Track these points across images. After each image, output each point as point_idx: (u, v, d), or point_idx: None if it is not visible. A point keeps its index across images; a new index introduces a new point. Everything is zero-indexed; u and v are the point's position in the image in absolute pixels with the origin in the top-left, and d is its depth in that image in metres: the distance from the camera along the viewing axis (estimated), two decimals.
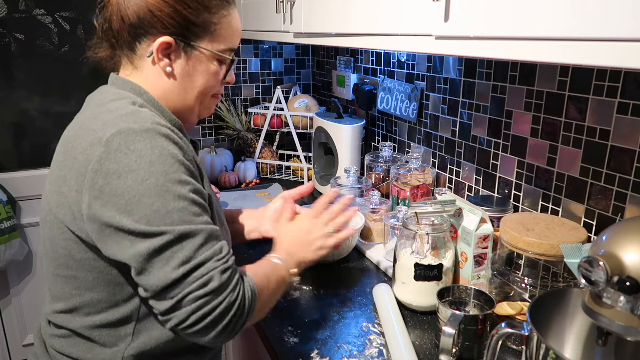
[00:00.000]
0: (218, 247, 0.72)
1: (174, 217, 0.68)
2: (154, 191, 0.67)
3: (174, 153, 0.71)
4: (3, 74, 1.98)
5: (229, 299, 0.70)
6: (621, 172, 0.97)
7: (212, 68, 0.84)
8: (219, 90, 0.89)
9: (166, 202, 0.68)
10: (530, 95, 1.16)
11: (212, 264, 0.70)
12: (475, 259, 1.05)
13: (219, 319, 0.69)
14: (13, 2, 1.92)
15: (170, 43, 0.79)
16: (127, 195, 0.67)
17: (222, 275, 0.70)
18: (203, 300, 0.68)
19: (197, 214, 0.71)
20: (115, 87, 0.83)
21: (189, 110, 0.87)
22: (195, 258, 0.68)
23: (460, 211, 1.08)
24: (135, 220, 0.67)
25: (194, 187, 0.72)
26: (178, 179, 0.70)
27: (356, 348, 0.96)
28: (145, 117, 0.73)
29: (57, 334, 0.81)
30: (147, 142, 0.69)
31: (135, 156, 0.68)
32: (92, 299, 0.77)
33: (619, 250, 0.61)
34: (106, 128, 0.70)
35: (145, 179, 0.67)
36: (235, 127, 2.11)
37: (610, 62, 0.55)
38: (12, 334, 2.12)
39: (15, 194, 2.01)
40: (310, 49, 2.30)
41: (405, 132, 1.68)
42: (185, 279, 0.67)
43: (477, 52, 0.74)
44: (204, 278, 0.68)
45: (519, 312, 0.94)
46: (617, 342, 0.74)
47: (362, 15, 1.05)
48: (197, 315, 0.68)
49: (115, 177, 0.67)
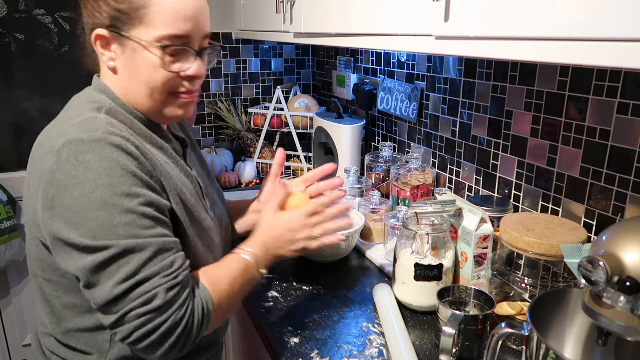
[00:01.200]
0: (168, 262, 0.69)
1: (119, 231, 0.66)
2: (100, 204, 0.66)
3: (124, 164, 0.68)
4: (3, 74, 1.98)
5: (174, 317, 0.67)
6: (621, 172, 0.97)
7: (150, 58, 0.74)
8: (177, 86, 0.78)
9: (112, 215, 0.66)
10: (530, 95, 1.16)
11: (158, 280, 0.67)
12: (475, 259, 1.05)
13: (164, 338, 0.67)
14: (13, 2, 1.92)
15: (104, 35, 0.75)
16: (73, 208, 0.66)
17: (167, 293, 0.67)
18: (145, 317, 0.66)
19: (146, 227, 0.68)
20: (93, 90, 0.82)
21: (151, 109, 0.80)
22: (140, 273, 0.66)
23: (460, 211, 1.08)
24: (81, 234, 0.66)
25: (145, 200, 0.69)
26: (126, 191, 0.67)
27: (356, 348, 0.96)
28: (98, 125, 0.70)
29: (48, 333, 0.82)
30: (95, 154, 0.67)
31: (82, 168, 0.66)
32: (68, 302, 0.77)
33: (619, 250, 0.61)
34: (59, 137, 0.69)
35: (91, 191, 0.66)
36: (235, 127, 2.11)
37: (611, 62, 0.55)
38: (12, 334, 2.12)
39: (15, 194, 2.01)
40: (310, 49, 2.30)
41: (405, 132, 1.68)
42: (127, 295, 0.66)
43: (477, 52, 0.74)
44: (147, 295, 0.66)
45: (519, 312, 0.94)
46: (617, 342, 0.74)
47: (362, 15, 1.05)
48: (141, 332, 0.66)
49: (63, 189, 0.66)
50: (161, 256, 0.69)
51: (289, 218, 0.91)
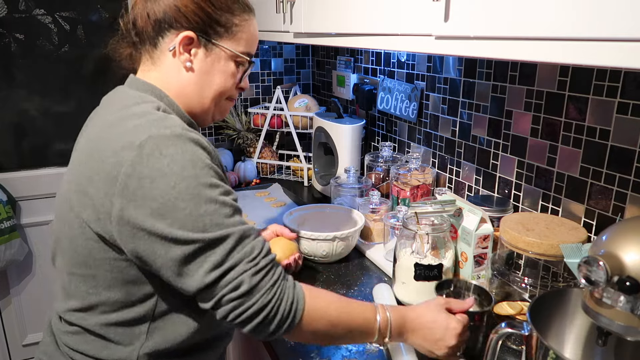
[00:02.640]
0: (249, 249, 0.73)
1: (206, 220, 0.70)
2: (187, 195, 0.69)
3: (203, 158, 0.73)
4: (3, 74, 1.98)
5: (262, 299, 0.72)
6: (621, 172, 0.97)
7: (229, 68, 0.86)
8: (233, 94, 0.91)
9: (198, 206, 0.70)
10: (530, 95, 1.16)
11: (243, 266, 0.71)
12: (475, 259, 1.05)
13: (252, 317, 0.72)
14: (13, 2, 1.92)
15: (192, 38, 0.82)
16: (160, 199, 0.69)
17: (252, 278, 0.71)
18: (237, 302, 0.71)
19: (228, 216, 0.72)
20: (134, 90, 0.84)
21: (204, 111, 0.88)
22: (226, 262, 0.70)
23: (460, 211, 1.08)
24: (169, 224, 0.69)
25: (224, 190, 0.74)
26: (209, 182, 0.72)
27: (356, 348, 0.96)
28: (175, 122, 0.75)
29: (71, 331, 0.81)
30: (178, 147, 0.71)
31: (167, 161, 0.69)
32: (108, 298, 0.77)
33: (619, 250, 0.61)
34: (137, 132, 0.71)
35: (177, 183, 0.69)
36: (235, 127, 2.11)
37: (611, 62, 0.55)
38: (12, 334, 2.12)
39: (15, 194, 2.01)
40: (310, 49, 2.30)
41: (405, 132, 1.68)
42: (217, 283, 0.70)
43: (477, 52, 0.74)
44: (234, 282, 0.70)
45: (519, 312, 0.94)
46: (617, 342, 0.74)
47: (362, 15, 1.05)
48: (235, 313, 0.71)
49: (148, 181, 0.69)
50: (242, 244, 0.72)
51: (449, 321, 0.84)
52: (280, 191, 1.90)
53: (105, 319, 0.78)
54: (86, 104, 2.12)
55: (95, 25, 2.06)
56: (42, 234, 2.07)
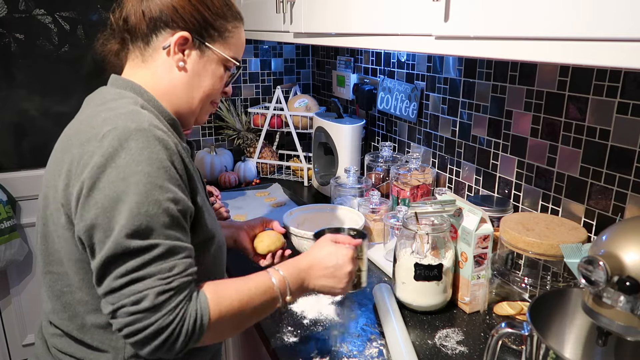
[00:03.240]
0: (167, 266, 0.69)
1: (143, 221, 0.67)
2: (134, 190, 0.68)
3: (162, 158, 0.71)
4: (3, 74, 1.98)
5: (160, 322, 0.67)
6: (621, 172, 0.97)
7: (219, 71, 0.88)
8: (217, 98, 0.92)
9: (141, 204, 0.68)
10: (530, 95, 1.16)
11: (152, 282, 0.68)
12: (475, 259, 1.05)
13: (150, 339, 0.68)
14: (13, 2, 1.92)
15: (187, 39, 0.82)
16: (107, 190, 0.68)
17: (157, 297, 0.67)
18: (134, 317, 0.67)
19: (165, 226, 0.70)
20: (115, 87, 0.84)
21: (190, 112, 0.88)
22: (137, 272, 0.67)
23: (460, 211, 1.08)
24: (110, 218, 0.67)
25: (173, 196, 0.71)
26: (159, 184, 0.70)
27: (356, 348, 0.96)
28: (144, 117, 0.74)
29: (57, 334, 0.81)
30: (139, 142, 0.70)
31: (124, 153, 0.69)
32: (81, 299, 0.77)
33: (619, 250, 0.61)
34: (104, 125, 0.71)
35: (128, 176, 0.68)
36: (235, 127, 2.11)
37: (611, 62, 0.55)
38: (12, 334, 2.12)
39: (15, 194, 2.01)
40: (310, 49, 2.30)
41: (405, 132, 1.68)
42: (120, 291, 0.67)
43: (477, 52, 0.74)
44: (138, 295, 0.67)
45: (519, 312, 0.94)
46: (617, 342, 0.74)
47: (362, 15, 1.05)
48: (130, 329, 0.67)
49: (100, 170, 0.68)
50: (165, 259, 0.69)
51: (339, 249, 0.90)
52: (280, 191, 1.90)
53: (81, 322, 0.78)
54: None
55: (95, 25, 2.06)
56: None
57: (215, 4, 0.85)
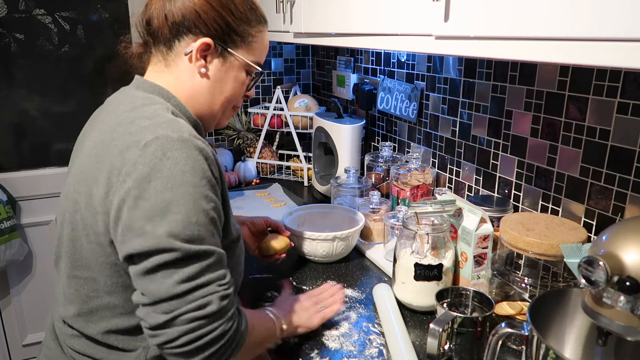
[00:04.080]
0: (222, 273, 0.71)
1: (194, 231, 0.68)
2: (182, 200, 0.68)
3: (205, 168, 0.71)
4: (3, 74, 1.98)
5: (223, 327, 0.69)
6: (621, 172, 0.97)
7: (241, 76, 0.87)
8: (239, 102, 0.92)
9: (191, 213, 0.68)
10: (530, 95, 1.16)
11: (214, 287, 0.68)
12: (475, 259, 1.05)
13: (208, 346, 0.68)
14: (13, 2, 1.92)
15: (210, 45, 0.82)
16: (154, 199, 0.67)
17: (221, 302, 0.68)
18: (198, 322, 0.66)
19: (212, 234, 0.71)
20: (141, 91, 0.83)
21: (212, 117, 0.88)
22: (199, 278, 0.67)
23: (460, 211, 1.08)
24: (156, 226, 0.66)
25: (215, 206, 0.73)
26: (205, 194, 0.70)
27: (356, 348, 0.96)
28: (183, 127, 0.74)
29: (76, 335, 0.81)
30: (182, 152, 0.69)
31: (170, 163, 0.68)
32: (108, 303, 0.77)
33: (619, 250, 0.61)
34: (144, 133, 0.71)
35: (175, 186, 0.67)
36: (235, 127, 2.11)
37: (610, 62, 0.55)
38: (12, 334, 2.12)
39: (15, 194, 2.01)
40: (310, 49, 2.30)
41: (405, 132, 1.68)
42: (185, 296, 0.66)
43: (477, 52, 0.74)
44: (203, 299, 0.67)
45: (519, 312, 0.94)
46: (617, 342, 0.74)
47: (362, 15, 1.05)
48: (189, 337, 0.66)
49: (146, 181, 0.67)
50: (217, 266, 0.70)
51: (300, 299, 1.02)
52: (280, 191, 1.90)
53: (106, 326, 0.77)
54: (86, 104, 2.13)
55: (95, 25, 2.06)
56: (42, 234, 2.07)
57: (240, 8, 0.83)
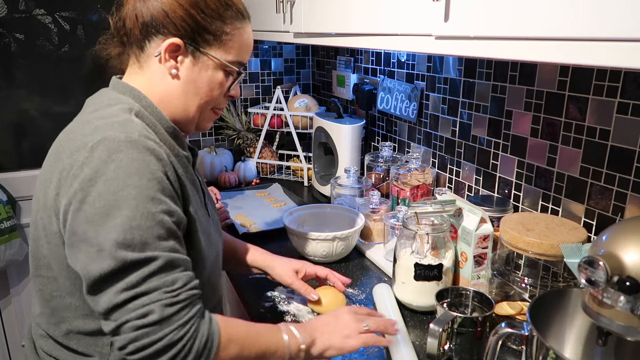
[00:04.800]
0: (171, 279, 0.67)
1: (135, 235, 0.65)
2: (124, 204, 0.65)
3: (154, 169, 0.69)
4: (3, 74, 1.98)
5: (171, 335, 0.65)
6: (621, 172, 0.97)
7: (217, 77, 0.83)
8: (220, 104, 0.88)
9: (133, 217, 0.65)
10: (530, 95, 1.16)
11: (157, 295, 0.65)
12: (475, 259, 1.05)
13: (158, 355, 0.65)
14: (13, 2, 1.92)
15: (179, 45, 0.79)
16: (97, 203, 0.65)
17: (165, 309, 0.65)
18: (141, 331, 0.64)
19: (160, 238, 0.67)
20: (114, 92, 0.82)
21: (188, 120, 0.85)
22: (140, 286, 0.65)
23: (460, 211, 1.08)
24: (98, 232, 0.65)
25: (166, 208, 0.69)
26: (152, 196, 0.67)
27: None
28: (135, 128, 0.71)
29: (44, 336, 0.81)
30: (128, 154, 0.67)
31: (114, 166, 0.66)
32: (70, 304, 0.76)
33: (619, 250, 0.61)
34: (94, 134, 0.70)
35: (118, 190, 0.66)
36: (235, 127, 2.11)
37: (610, 62, 0.55)
38: (12, 334, 2.12)
39: (15, 194, 2.01)
40: (310, 49, 2.30)
41: (405, 132, 1.68)
42: (125, 305, 0.65)
43: (477, 52, 0.74)
44: (144, 308, 0.64)
45: (519, 312, 0.94)
46: (617, 342, 0.74)
47: (362, 15, 1.05)
48: (135, 345, 0.64)
49: (90, 184, 0.66)
50: (166, 272, 0.67)
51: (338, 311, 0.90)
52: (280, 191, 1.90)
53: (68, 327, 0.77)
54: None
55: (95, 25, 2.06)
56: None
57: (211, 5, 0.80)
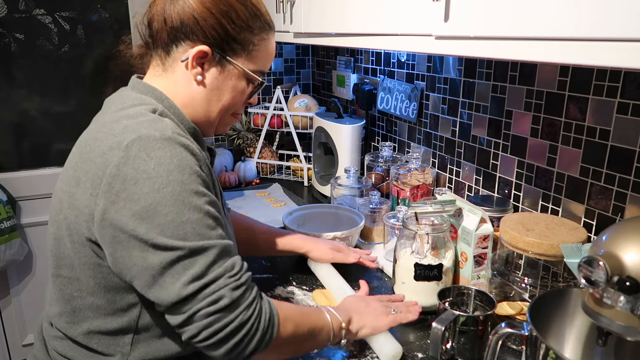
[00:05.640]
0: (230, 264, 0.71)
1: (188, 229, 0.67)
2: (170, 200, 0.67)
3: (192, 164, 0.71)
4: (3, 74, 1.98)
5: (242, 316, 0.69)
6: (621, 172, 0.97)
7: (240, 85, 0.85)
8: (239, 110, 0.90)
9: (181, 212, 0.67)
10: (530, 95, 1.16)
11: (224, 281, 0.69)
12: (475, 259, 1.05)
13: (231, 336, 0.69)
14: (13, 2, 1.92)
15: (207, 53, 0.79)
16: (143, 202, 0.67)
17: (233, 292, 0.69)
18: (214, 317, 0.67)
19: (211, 227, 0.70)
20: (136, 92, 0.82)
21: (208, 124, 0.87)
22: (207, 275, 0.68)
23: (460, 211, 1.08)
24: (149, 229, 0.66)
25: (209, 199, 0.72)
26: (195, 189, 0.70)
27: (356, 348, 0.96)
28: (166, 125, 0.73)
29: (59, 336, 0.81)
30: (166, 151, 0.69)
31: (154, 163, 0.67)
32: (92, 304, 0.76)
33: (619, 250, 0.61)
34: (126, 133, 0.70)
35: (162, 187, 0.67)
36: (235, 127, 2.11)
37: (614, 63, 0.55)
38: (12, 334, 2.12)
39: (15, 194, 2.01)
40: (310, 49, 2.30)
41: (405, 132, 1.68)
42: (196, 296, 0.67)
43: (477, 52, 0.74)
44: (214, 295, 0.67)
45: (519, 312, 0.94)
46: (617, 342, 0.74)
47: (362, 15, 1.05)
48: (209, 331, 0.67)
49: (132, 182, 0.67)
50: (224, 258, 0.70)
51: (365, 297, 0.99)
52: (280, 191, 1.90)
53: (89, 327, 0.77)
54: (86, 104, 2.13)
55: (95, 25, 2.06)
56: (42, 234, 2.07)
57: (241, 16, 0.80)
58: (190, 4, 0.78)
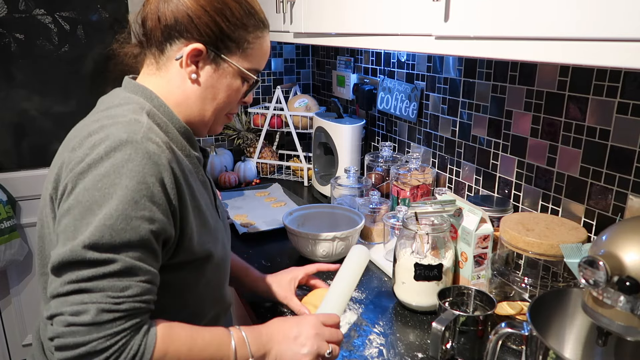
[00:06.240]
0: (120, 285, 0.64)
1: (105, 235, 0.64)
2: (107, 202, 0.65)
3: (146, 173, 0.68)
4: (3, 74, 1.98)
5: (96, 343, 0.62)
6: (621, 172, 0.97)
7: (235, 84, 0.84)
8: (234, 109, 0.89)
9: (110, 216, 0.64)
10: (530, 95, 1.16)
11: (100, 297, 0.63)
12: (475, 259, 1.05)
13: (82, 358, 0.62)
14: (13, 2, 1.92)
15: (201, 51, 0.79)
16: (81, 197, 0.66)
17: (99, 314, 0.62)
18: (70, 329, 0.62)
19: (128, 244, 0.65)
20: (126, 91, 0.82)
21: (203, 123, 0.85)
22: (88, 282, 0.63)
23: (460, 211, 1.08)
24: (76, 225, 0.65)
25: (148, 215, 0.67)
26: (136, 199, 0.66)
27: (356, 348, 0.96)
28: (139, 128, 0.71)
29: None
30: (125, 154, 0.67)
31: (108, 163, 0.66)
32: None
33: (619, 250, 0.61)
34: (99, 132, 0.70)
35: (104, 187, 0.66)
36: (235, 127, 2.11)
37: (616, 63, 0.55)
38: (12, 334, 2.12)
39: (15, 194, 2.01)
40: (310, 49, 2.30)
41: (405, 132, 1.68)
42: (64, 297, 0.63)
43: (477, 52, 0.74)
44: (81, 306, 0.62)
45: (519, 312, 0.94)
46: (617, 342, 0.74)
47: (362, 15, 1.05)
48: (61, 341, 0.62)
49: (80, 177, 0.67)
50: (119, 277, 0.64)
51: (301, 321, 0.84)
52: (280, 191, 1.90)
53: None
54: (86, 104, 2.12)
55: (95, 25, 2.06)
56: None
57: (235, 14, 0.80)
58: (184, 2, 0.78)
